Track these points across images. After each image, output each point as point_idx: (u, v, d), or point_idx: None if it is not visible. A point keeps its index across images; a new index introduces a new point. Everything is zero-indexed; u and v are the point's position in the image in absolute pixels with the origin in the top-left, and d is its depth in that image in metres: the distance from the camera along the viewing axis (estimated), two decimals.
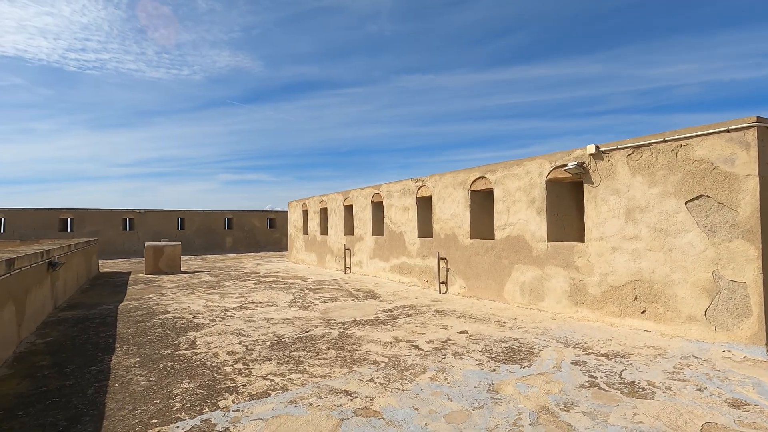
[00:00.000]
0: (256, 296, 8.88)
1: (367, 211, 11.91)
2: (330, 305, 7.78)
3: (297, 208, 17.41)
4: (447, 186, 8.79)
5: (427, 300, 8.13)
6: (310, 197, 16.02)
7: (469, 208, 8.22)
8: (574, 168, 6.08)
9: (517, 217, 7.16)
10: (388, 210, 10.82)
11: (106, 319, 6.87)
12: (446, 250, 8.76)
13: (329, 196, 14.28)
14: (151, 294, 9.47)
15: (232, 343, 5.38)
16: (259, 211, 26.51)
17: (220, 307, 7.77)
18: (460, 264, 8.40)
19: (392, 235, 10.65)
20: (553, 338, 5.36)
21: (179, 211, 23.98)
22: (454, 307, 7.33)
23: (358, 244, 12.37)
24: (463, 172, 8.39)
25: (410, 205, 9.97)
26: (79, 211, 21.32)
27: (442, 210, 8.92)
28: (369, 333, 5.78)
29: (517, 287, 7.16)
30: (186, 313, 7.28)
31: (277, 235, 26.97)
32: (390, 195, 10.77)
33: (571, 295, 6.32)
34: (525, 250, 7.02)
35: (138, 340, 5.58)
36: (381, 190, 11.18)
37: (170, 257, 14.27)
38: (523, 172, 7.07)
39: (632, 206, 5.58)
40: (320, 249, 14.94)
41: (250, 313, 7.21)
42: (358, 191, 12.39)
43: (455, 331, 5.82)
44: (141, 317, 6.98)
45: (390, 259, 10.76)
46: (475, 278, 8.05)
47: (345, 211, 13.28)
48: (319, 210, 15.19)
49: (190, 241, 24.00)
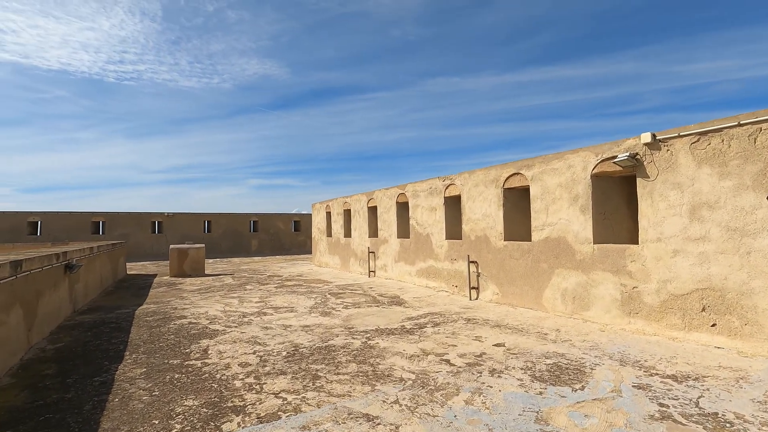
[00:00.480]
0: (276, 301, 8.50)
1: (391, 213, 11.40)
2: (352, 312, 7.29)
3: (320, 210, 17.10)
4: (477, 184, 8.16)
5: (457, 307, 7.52)
6: (333, 199, 15.66)
7: (503, 208, 7.57)
8: (625, 160, 5.37)
9: (558, 216, 6.47)
10: (414, 211, 10.27)
11: (122, 324, 6.62)
12: (477, 253, 8.12)
13: (353, 197, 13.86)
14: (172, 297, 9.26)
15: (246, 353, 4.96)
16: (283, 214, 26.48)
17: (238, 312, 7.42)
18: (493, 268, 7.74)
19: (418, 237, 10.09)
20: (605, 354, 4.66)
21: (206, 214, 24.20)
22: (487, 316, 6.70)
23: (382, 247, 11.87)
24: (496, 169, 7.75)
25: (437, 205, 9.38)
26: (110, 214, 21.80)
27: (472, 210, 8.30)
28: (394, 344, 5.24)
29: (557, 294, 6.46)
30: (202, 318, 6.95)
31: (302, 238, 26.85)
32: (416, 195, 10.22)
33: (623, 305, 5.58)
34: (567, 253, 6.32)
35: (149, 348, 5.25)
36: (406, 190, 10.64)
37: (194, 260, 14.19)
38: (565, 167, 6.38)
39: (698, 202, 4.82)
40: (344, 252, 14.52)
41: (268, 319, 6.81)
42: (383, 192, 11.90)
43: (490, 343, 5.21)
44: (156, 322, 6.70)
45: (416, 263, 10.19)
46: (509, 284, 7.38)
47: (369, 213, 12.82)
48: (342, 212, 14.80)
49: (216, 243, 24.16)
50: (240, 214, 25.10)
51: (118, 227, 21.89)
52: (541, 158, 6.80)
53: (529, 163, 7.02)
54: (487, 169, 7.98)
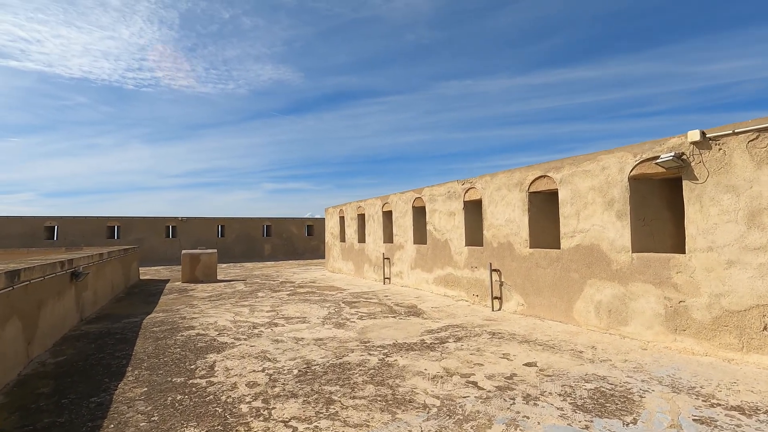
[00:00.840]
0: (288, 310, 8.15)
1: (407, 217, 10.98)
2: (368, 323, 6.88)
3: (334, 214, 16.78)
4: (500, 187, 7.69)
5: (479, 318, 7.05)
6: (347, 203, 15.32)
7: (528, 213, 7.09)
8: (669, 161, 4.86)
9: (590, 222, 5.97)
10: (431, 216, 9.83)
11: (127, 335, 6.34)
12: (500, 261, 7.64)
13: (367, 201, 13.49)
14: (181, 305, 8.99)
15: (255, 371, 4.60)
16: (297, 219, 26.29)
17: (249, 322, 7.08)
18: (517, 277, 7.25)
19: (436, 243, 9.65)
20: (653, 378, 4.15)
21: (219, 218, 24.15)
22: (513, 329, 6.22)
23: (398, 253, 11.45)
24: (520, 171, 7.28)
25: (456, 209, 8.94)
26: (124, 219, 21.88)
27: (494, 215, 7.83)
28: (414, 362, 4.81)
29: (591, 307, 5.95)
30: (211, 329, 6.63)
31: (315, 243, 26.60)
32: (433, 199, 9.79)
33: (667, 320, 5.05)
34: (601, 263, 5.81)
35: (152, 363, 4.93)
36: (423, 194, 10.22)
37: (206, 265, 13.99)
38: (598, 169, 5.88)
39: (758, 207, 4.29)
40: (358, 258, 14.15)
41: (279, 331, 6.45)
42: (398, 196, 11.49)
43: (520, 362, 4.74)
44: (163, 333, 6.40)
45: (434, 270, 9.74)
46: (535, 294, 6.88)
47: (384, 218, 12.42)
48: (356, 216, 14.44)
49: (229, 248, 24.06)
50: (253, 219, 24.99)
51: (132, 232, 21.95)
52: (571, 159, 6.32)
53: (558, 165, 6.53)
54: (510, 172, 7.51)
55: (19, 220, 19.96)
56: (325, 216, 17.98)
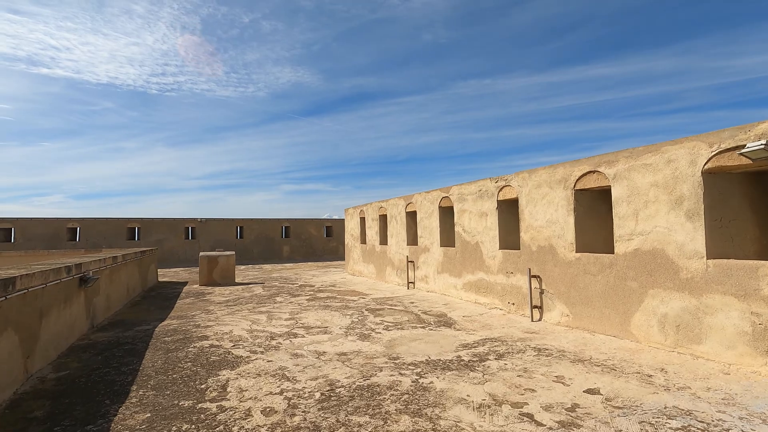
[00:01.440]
0: (308, 318, 7.60)
1: (433, 218, 10.32)
2: (395, 334, 6.26)
3: (354, 215, 16.23)
4: (540, 185, 6.96)
5: (519, 330, 6.34)
6: (367, 203, 14.74)
7: (574, 213, 6.34)
8: (759, 150, 4.08)
9: (652, 223, 5.20)
10: (460, 216, 9.15)
11: (137, 346, 5.89)
12: (540, 266, 6.91)
13: (389, 201, 12.88)
14: (197, 311, 8.56)
15: (271, 393, 4.03)
16: (315, 219, 25.91)
17: (266, 332, 6.56)
18: (561, 284, 6.51)
19: (465, 246, 8.96)
20: (752, 413, 3.40)
21: (238, 219, 23.95)
22: (560, 344, 5.50)
23: (423, 256, 10.79)
24: (564, 167, 6.54)
25: (489, 209, 8.23)
26: (145, 220, 21.87)
27: (533, 215, 7.10)
28: (453, 384, 4.17)
29: (653, 321, 5.18)
30: (226, 339, 6.13)
31: (334, 244, 26.15)
32: (462, 198, 9.10)
33: (755, 340, 4.26)
34: (667, 270, 5.04)
35: (160, 381, 4.43)
36: (451, 193, 9.54)
37: (224, 268, 13.62)
38: (662, 162, 5.11)
39: None
40: (379, 260, 13.55)
41: (299, 342, 5.89)
42: (423, 195, 10.84)
43: (579, 387, 4.03)
44: (175, 344, 5.93)
45: (463, 275, 9.05)
46: (583, 304, 6.14)
47: (407, 218, 11.78)
48: (377, 217, 13.84)
49: (248, 249, 23.83)
50: (271, 220, 24.71)
51: (152, 233, 21.92)
52: (627, 152, 5.56)
53: (610, 159, 5.78)
54: (552, 168, 6.77)
55: (43, 222, 20.13)
56: (345, 217, 17.46)
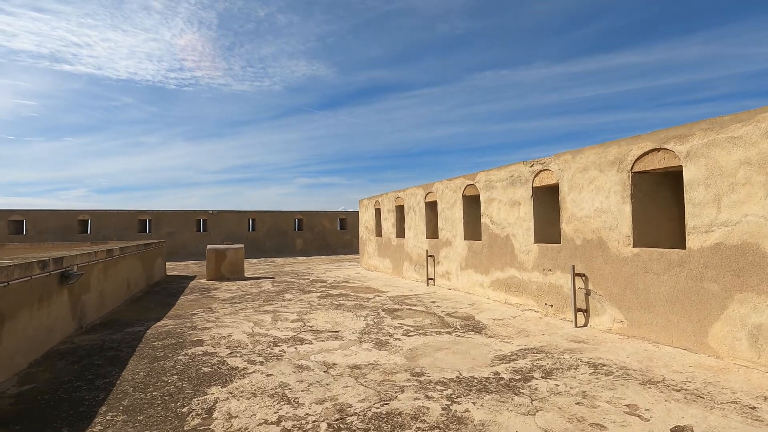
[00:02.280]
0: (318, 319, 6.78)
1: (456, 208, 9.36)
2: (417, 341, 5.38)
3: (369, 206, 15.36)
4: (587, 168, 5.95)
5: (562, 338, 5.39)
6: (383, 194, 13.84)
7: (630, 200, 5.32)
8: None
9: (740, 211, 4.17)
10: (488, 206, 8.17)
11: (121, 352, 5.15)
12: (586, 263, 5.92)
13: (407, 191, 11.95)
14: (198, 309, 7.84)
15: (266, 422, 3.21)
16: (329, 212, 25.15)
17: (269, 336, 5.76)
18: (613, 285, 5.52)
19: (494, 239, 7.99)
20: None
21: (250, 212, 23.36)
22: (618, 358, 4.53)
23: (444, 250, 9.86)
24: (619, 145, 5.51)
25: (522, 198, 7.24)
26: (156, 212, 21.45)
27: (577, 204, 6.10)
28: (495, 414, 3.27)
29: (741, 332, 4.17)
30: (222, 345, 5.35)
31: (348, 237, 25.38)
32: (490, 186, 8.12)
33: None
34: (760, 270, 4.01)
35: (136, 401, 3.65)
36: (477, 180, 8.56)
37: (232, 262, 12.95)
38: (757, 134, 4.06)
39: None
40: (396, 254, 12.67)
41: (305, 350, 5.07)
42: (444, 183, 9.88)
43: (663, 423, 3.08)
44: (165, 350, 5.17)
45: (490, 272, 8.10)
46: (643, 309, 5.14)
47: (427, 209, 10.85)
48: (394, 208, 12.94)
49: (260, 242, 23.25)
50: (284, 212, 24.05)
51: (163, 225, 21.50)
52: (706, 123, 4.51)
53: (683, 133, 4.73)
54: (602, 147, 5.74)
55: (54, 214, 19.87)
56: (359, 209, 16.60)
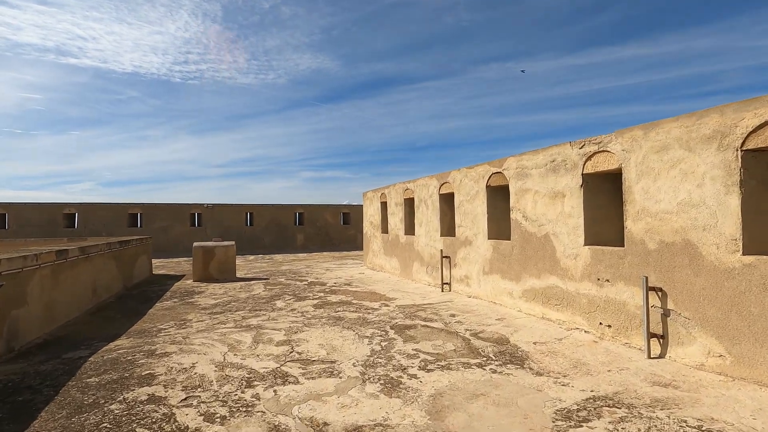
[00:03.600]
0: (310, 341, 5.39)
1: (478, 202, 7.90)
2: (440, 381, 3.96)
3: (374, 200, 13.92)
4: (667, 146, 4.46)
5: (638, 377, 3.95)
6: (390, 185, 12.40)
7: (740, 189, 3.85)
8: None
9: None
10: (520, 198, 6.71)
11: (40, 395, 3.78)
12: (664, 274, 4.47)
13: (417, 182, 10.49)
14: (169, 322, 6.48)
15: None
16: (331, 206, 23.74)
17: (243, 369, 4.37)
18: (709, 305, 4.07)
19: (527, 239, 6.54)
20: None
21: (248, 205, 22.01)
22: (738, 419, 3.09)
23: (462, 251, 8.42)
24: (722, 113, 4.01)
25: (568, 188, 5.77)
26: (147, 206, 20.16)
27: (650, 194, 4.63)
28: None
29: None
30: (178, 385, 3.96)
31: (352, 232, 24.00)
32: (523, 174, 6.65)
33: None
34: None
35: None
36: (505, 167, 7.09)
37: (222, 261, 11.59)
38: None
39: None
40: (404, 253, 11.24)
41: (287, 397, 3.67)
42: (464, 172, 8.41)
43: None
44: (99, 392, 3.80)
45: (523, 279, 6.65)
46: (758, 341, 3.69)
47: (441, 203, 9.39)
48: (402, 202, 11.49)
49: (258, 238, 21.93)
50: (284, 206, 22.69)
51: (155, 220, 20.22)
52: None
53: None
54: (692, 118, 4.25)
55: (37, 207, 18.63)
56: (363, 202, 15.15)
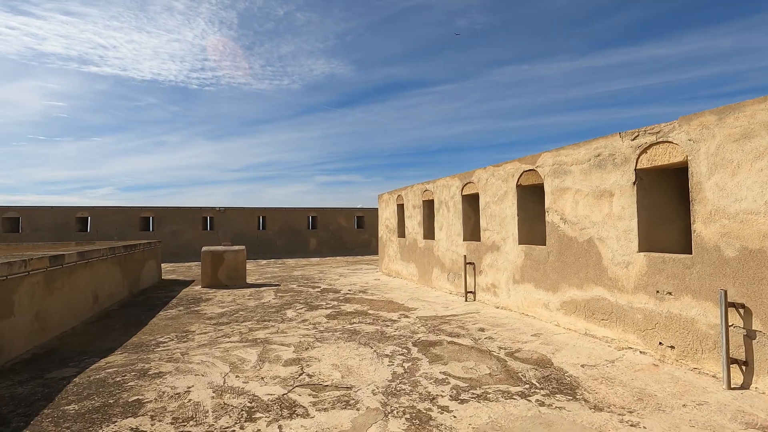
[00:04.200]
0: (323, 360, 4.75)
1: (507, 203, 7.19)
2: (478, 417, 3.28)
3: (389, 202, 13.28)
4: (747, 135, 3.72)
5: (725, 417, 3.20)
6: (407, 186, 11.75)
7: None
8: None
9: None
10: (558, 198, 5.98)
11: (5, 427, 3.22)
12: (748, 287, 3.71)
13: (437, 182, 9.82)
14: (170, 335, 5.94)
15: None
16: (345, 209, 23.18)
17: (245, 396, 3.76)
18: None
19: (567, 244, 5.81)
20: None
21: (260, 209, 21.60)
22: None
23: (489, 257, 7.70)
24: None
25: (617, 185, 5.03)
26: (158, 209, 19.91)
27: (727, 192, 3.88)
28: None
29: None
30: (167, 417, 3.36)
31: (366, 236, 23.38)
32: (562, 171, 5.93)
33: None
34: None
35: None
36: (539, 163, 6.37)
37: (231, 267, 11.09)
38: None
39: None
40: (423, 259, 10.56)
41: None
42: (490, 171, 7.71)
43: None
44: (76, 422, 3.22)
45: (561, 288, 5.91)
46: None
47: (465, 204, 8.70)
48: (421, 204, 10.82)
49: (270, 242, 21.49)
50: (297, 209, 22.22)
51: (167, 223, 19.95)
52: None
53: None
54: None
55: (50, 211, 18.52)
56: (379, 205, 14.53)
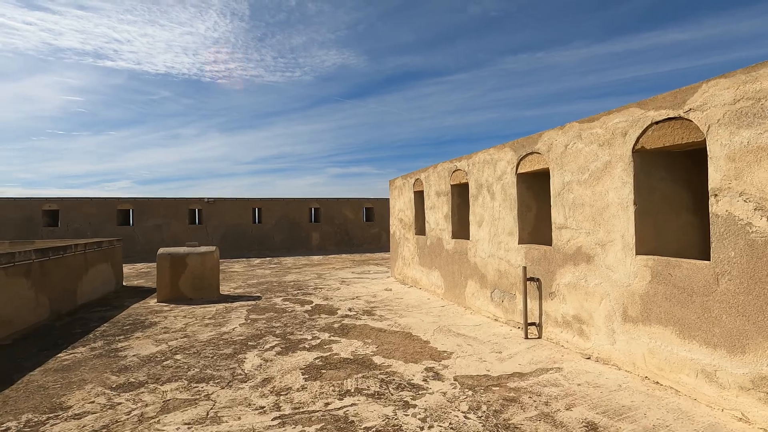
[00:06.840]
0: None
1: (609, 182, 4.33)
2: None
3: (404, 189, 10.46)
4: None
5: None
6: (428, 167, 8.92)
7: None
8: None
9: None
10: (746, 169, 3.10)
11: None
12: None
13: (474, 157, 6.96)
14: (18, 421, 3.29)
15: None
16: (352, 199, 20.43)
17: None
18: None
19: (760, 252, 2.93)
20: None
21: (254, 200, 18.99)
22: None
23: (570, 271, 4.86)
24: None
25: None
26: (139, 201, 17.43)
27: None
28: None
29: None
30: None
31: (376, 230, 20.64)
32: (753, 114, 3.03)
33: None
34: None
35: None
36: (697, 102, 3.48)
37: (197, 274, 8.45)
38: None
39: None
40: (452, 266, 7.75)
41: None
42: (576, 129, 4.85)
43: None
44: None
45: (751, 346, 3.06)
46: None
47: (521, 188, 5.84)
48: (449, 190, 7.98)
49: (267, 237, 18.91)
50: (297, 200, 19.55)
51: (149, 217, 17.49)
52: None
53: None
54: None
55: (13, 203, 16.19)
56: (390, 193, 11.69)
